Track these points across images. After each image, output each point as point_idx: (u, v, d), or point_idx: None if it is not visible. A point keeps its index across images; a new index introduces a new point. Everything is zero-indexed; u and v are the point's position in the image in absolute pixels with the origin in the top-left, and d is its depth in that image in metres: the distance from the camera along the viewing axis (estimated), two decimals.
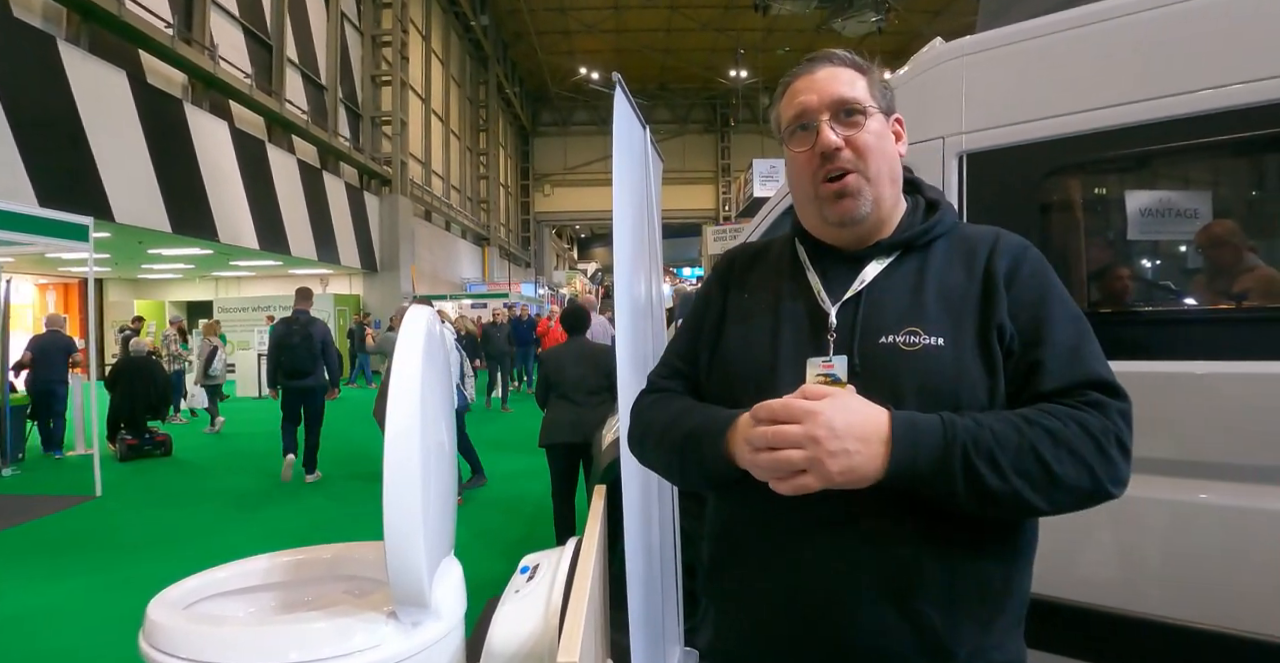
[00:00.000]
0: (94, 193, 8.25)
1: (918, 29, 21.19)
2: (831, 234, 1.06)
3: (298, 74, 14.35)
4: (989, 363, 0.95)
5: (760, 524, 0.99)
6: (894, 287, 1.02)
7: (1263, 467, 1.85)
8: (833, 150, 1.00)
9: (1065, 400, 0.92)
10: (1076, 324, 0.99)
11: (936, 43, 2.66)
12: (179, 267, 15.50)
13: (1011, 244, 1.04)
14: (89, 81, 8.27)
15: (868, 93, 1.04)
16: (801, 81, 1.07)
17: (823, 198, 1.02)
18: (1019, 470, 0.86)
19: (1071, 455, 0.87)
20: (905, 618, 0.91)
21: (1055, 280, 1.03)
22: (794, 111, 1.05)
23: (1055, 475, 0.87)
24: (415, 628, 0.91)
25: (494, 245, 27.62)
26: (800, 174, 1.05)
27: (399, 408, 0.85)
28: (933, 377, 0.94)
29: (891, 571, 0.91)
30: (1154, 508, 1.98)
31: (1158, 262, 2.49)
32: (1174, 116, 1.99)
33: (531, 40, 26.01)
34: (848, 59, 1.07)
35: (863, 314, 0.99)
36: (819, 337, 1.00)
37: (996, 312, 0.97)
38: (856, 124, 1.01)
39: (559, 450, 4.52)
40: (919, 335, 0.96)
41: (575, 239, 48.70)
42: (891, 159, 1.05)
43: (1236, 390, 1.92)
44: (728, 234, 14.90)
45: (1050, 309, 0.99)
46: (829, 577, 0.93)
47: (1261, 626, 1.81)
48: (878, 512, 0.91)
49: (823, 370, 0.97)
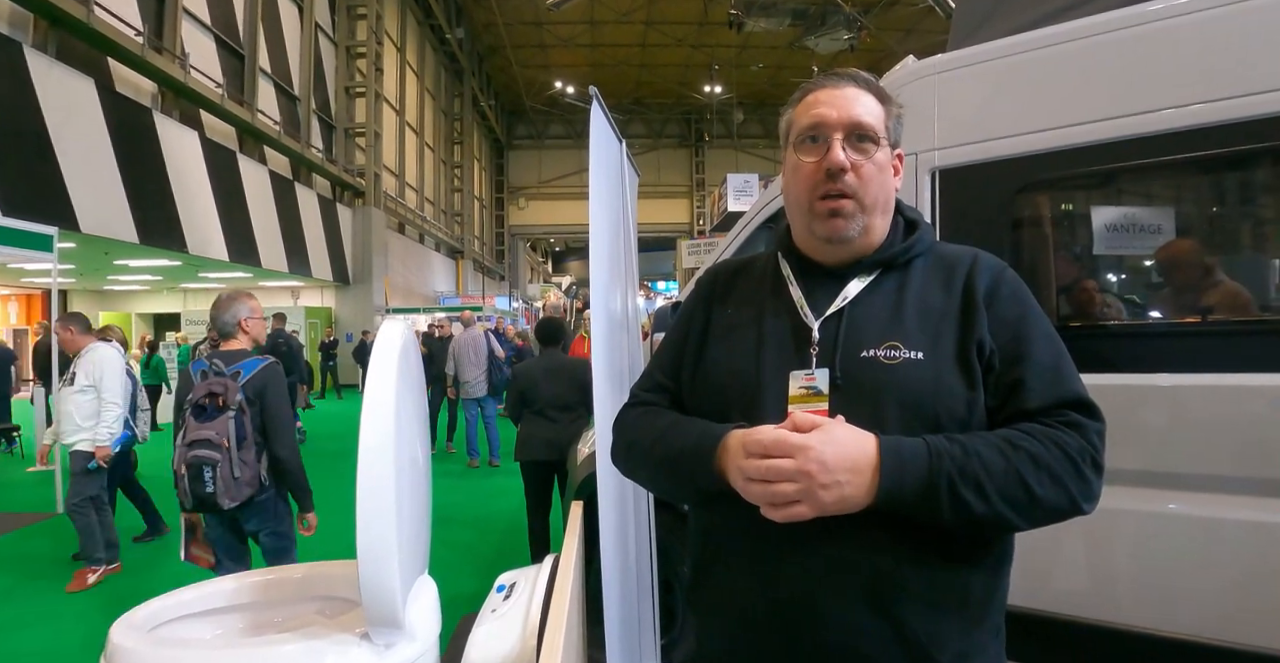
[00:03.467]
0: (59, 202, 8.09)
1: (889, 47, 21.54)
2: (816, 248, 1.09)
3: (270, 84, 14.23)
4: (968, 376, 0.98)
5: (742, 536, 1.00)
6: (875, 303, 1.04)
7: (1227, 478, 1.89)
8: (839, 170, 1.02)
9: (1046, 420, 0.95)
10: (1055, 344, 1.03)
11: (909, 60, 2.70)
12: (146, 278, 15.23)
13: (990, 264, 1.08)
14: (56, 89, 8.12)
15: (883, 124, 1.06)
16: (825, 93, 1.07)
17: (816, 213, 1.05)
18: (1004, 496, 0.90)
19: (1052, 479, 0.91)
20: (888, 626, 0.93)
21: (1033, 300, 1.07)
22: (810, 121, 1.06)
23: (1036, 498, 0.91)
24: (388, 650, 0.89)
25: (468, 258, 27.50)
26: (801, 184, 1.07)
27: (373, 425, 0.83)
28: (913, 389, 0.96)
29: (873, 579, 0.93)
30: (1123, 519, 2.01)
31: (1126, 276, 2.54)
32: (1139, 135, 2.04)
33: (507, 54, 26.05)
34: (875, 86, 1.08)
35: (844, 329, 1.02)
36: (802, 350, 1.03)
37: (976, 328, 1.00)
38: (866, 152, 1.03)
39: (532, 467, 4.48)
40: (899, 349, 0.98)
41: (550, 252, 48.67)
42: (888, 192, 1.08)
43: (1201, 402, 1.96)
44: (702, 248, 14.98)
45: (1030, 328, 1.02)
46: (812, 587, 0.95)
47: (1225, 632, 1.85)
48: (859, 523, 0.92)
49: (805, 383, 1.00)
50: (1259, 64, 1.92)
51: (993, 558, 1.00)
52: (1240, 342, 1.97)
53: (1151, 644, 1.96)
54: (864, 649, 0.93)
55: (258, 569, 1.20)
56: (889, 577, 0.93)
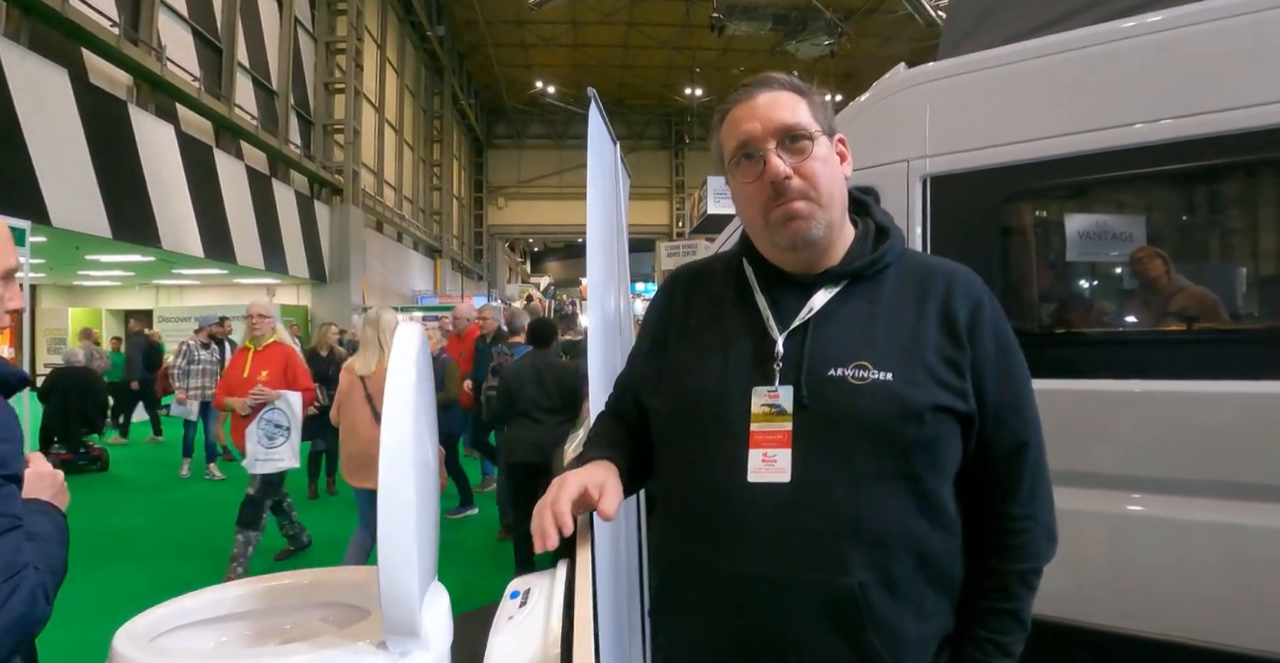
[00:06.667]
0: (30, 195, 7.90)
1: (870, 52, 21.74)
2: (782, 258, 1.06)
3: (248, 79, 14.01)
4: (939, 402, 0.95)
5: (703, 570, 0.98)
6: (844, 318, 1.01)
7: (1192, 481, 1.93)
8: (783, 179, 0.99)
9: (1017, 524, 1.02)
10: (1029, 382, 1.05)
11: (900, 69, 2.73)
12: (117, 274, 14.94)
13: (969, 288, 1.04)
14: (28, 80, 7.94)
15: (810, 116, 1.02)
16: (742, 109, 1.03)
17: (773, 223, 1.01)
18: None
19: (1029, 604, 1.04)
20: (852, 650, 0.92)
21: (1010, 330, 1.05)
22: (738, 141, 1.03)
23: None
24: (404, 658, 0.88)
25: (446, 257, 27.29)
26: (750, 205, 1.04)
27: (392, 429, 0.82)
28: (881, 412, 0.94)
29: (836, 605, 0.92)
30: (1094, 520, 2.06)
31: (1108, 285, 2.59)
32: (1114, 148, 2.10)
33: (488, 52, 25.90)
34: (786, 82, 1.05)
35: (810, 345, 0.99)
36: (765, 365, 0.99)
37: (956, 357, 0.98)
38: (803, 151, 1.00)
39: (519, 470, 4.46)
40: (868, 369, 0.95)
41: (528, 253, 48.45)
42: (840, 182, 1.05)
43: (1171, 408, 2.01)
44: (681, 250, 14.97)
45: (1017, 370, 1.03)
46: (776, 616, 0.93)
47: (1191, 631, 1.91)
48: (825, 550, 0.92)
49: (768, 400, 0.97)
50: (1228, 81, 1.98)
51: (950, 582, 1.01)
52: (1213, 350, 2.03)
53: (1121, 644, 2.02)
54: None
55: (262, 576, 1.18)
56: (854, 602, 0.92)
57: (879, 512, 0.93)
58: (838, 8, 18.63)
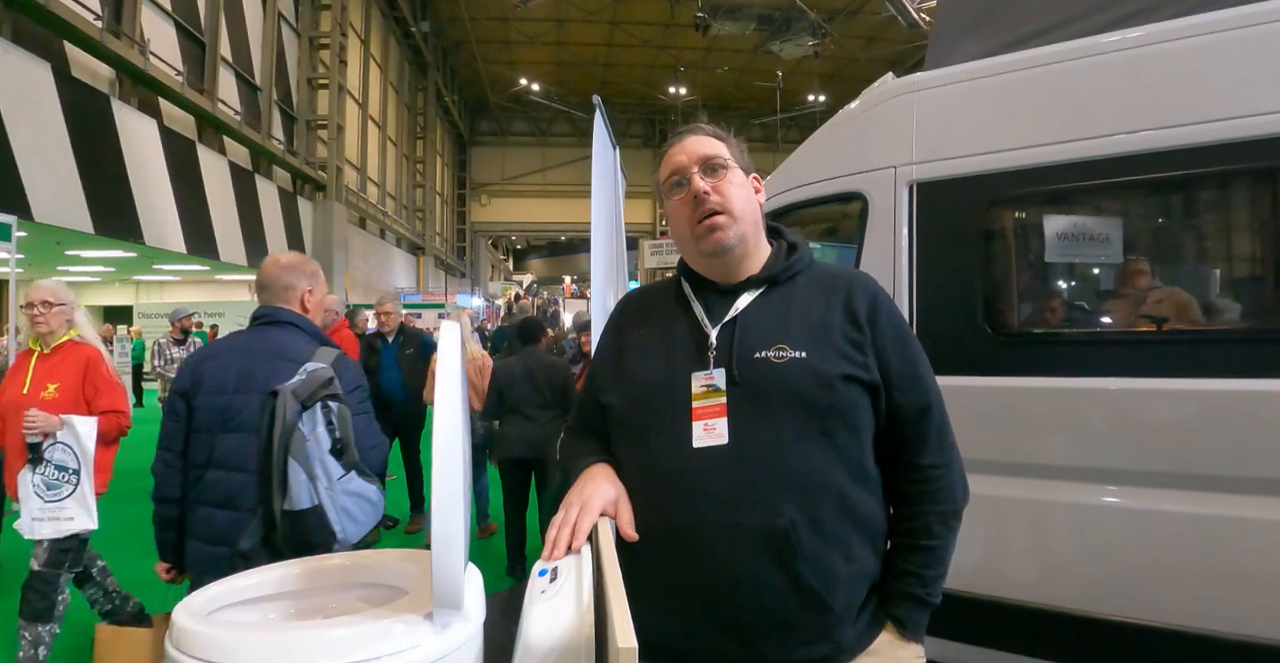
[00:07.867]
0: (11, 190, 7.83)
1: (852, 54, 21.93)
2: (707, 266, 1.28)
3: (231, 73, 13.91)
4: (845, 372, 1.16)
5: (665, 526, 1.14)
6: (764, 313, 1.23)
7: (1159, 473, 2.05)
8: (702, 193, 1.22)
9: (931, 473, 1.21)
10: (924, 356, 1.26)
11: (889, 77, 2.83)
12: (98, 270, 14.79)
13: (866, 285, 1.26)
14: (10, 73, 7.87)
15: (728, 154, 1.27)
16: (675, 147, 1.30)
17: (698, 234, 1.23)
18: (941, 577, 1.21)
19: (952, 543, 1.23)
20: (789, 580, 1.10)
21: (905, 320, 1.29)
22: (669, 170, 1.28)
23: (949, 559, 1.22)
24: (445, 630, 0.95)
25: (429, 255, 27.21)
26: (678, 219, 1.27)
27: (445, 418, 0.90)
28: (800, 383, 1.14)
29: (773, 542, 1.10)
30: (1069, 511, 2.17)
31: (1084, 287, 2.70)
32: (1102, 156, 2.21)
33: (472, 49, 25.83)
34: (710, 130, 1.31)
35: (738, 334, 1.20)
36: (702, 354, 1.21)
37: (858, 338, 1.19)
38: (720, 175, 1.25)
39: (511, 465, 4.52)
40: (786, 350, 1.17)
41: (511, 250, 48.37)
42: (753, 204, 1.28)
43: (1143, 404, 2.13)
44: (664, 248, 15.01)
45: (912, 344, 1.24)
46: (728, 555, 1.11)
47: (1158, 614, 2.03)
48: (758, 499, 1.11)
49: (705, 382, 1.18)
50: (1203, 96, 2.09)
51: (875, 527, 1.20)
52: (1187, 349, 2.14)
53: (1090, 625, 2.13)
54: (770, 600, 1.11)
55: (299, 558, 1.25)
56: (786, 537, 1.10)
57: (804, 463, 1.13)
58: (821, 9, 18.79)
